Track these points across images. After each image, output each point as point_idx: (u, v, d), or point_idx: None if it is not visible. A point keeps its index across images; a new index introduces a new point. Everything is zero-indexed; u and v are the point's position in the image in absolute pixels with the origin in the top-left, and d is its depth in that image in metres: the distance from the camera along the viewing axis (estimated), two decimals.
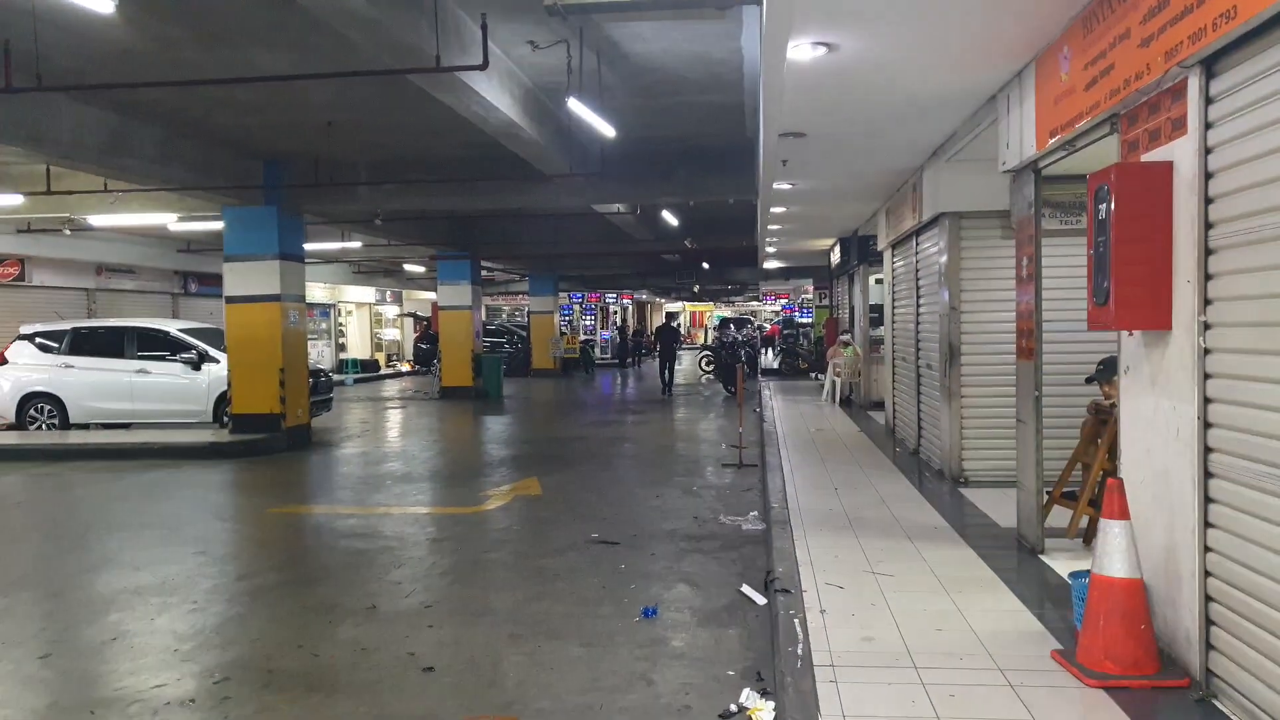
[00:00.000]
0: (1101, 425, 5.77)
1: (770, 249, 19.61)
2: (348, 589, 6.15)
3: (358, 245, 20.92)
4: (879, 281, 14.60)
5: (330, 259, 25.06)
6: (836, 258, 18.65)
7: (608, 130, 8.96)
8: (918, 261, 9.87)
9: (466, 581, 6.31)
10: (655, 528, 7.69)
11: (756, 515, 7.92)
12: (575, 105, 8.11)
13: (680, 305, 56.78)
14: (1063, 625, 4.55)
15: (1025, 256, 5.96)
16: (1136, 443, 4.32)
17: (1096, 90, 4.52)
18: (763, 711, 3.93)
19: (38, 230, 17.26)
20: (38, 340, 14.46)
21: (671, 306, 56.68)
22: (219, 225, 13.86)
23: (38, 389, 14.25)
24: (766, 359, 30.28)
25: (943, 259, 8.36)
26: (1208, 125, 3.65)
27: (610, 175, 12.87)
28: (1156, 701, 3.71)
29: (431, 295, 31.05)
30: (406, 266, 27.75)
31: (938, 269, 8.60)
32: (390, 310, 35.23)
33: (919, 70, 5.77)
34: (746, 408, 13.04)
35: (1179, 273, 3.86)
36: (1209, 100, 3.63)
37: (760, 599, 5.52)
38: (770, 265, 25.60)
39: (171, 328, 14.66)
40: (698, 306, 57.69)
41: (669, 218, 18.28)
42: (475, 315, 21.67)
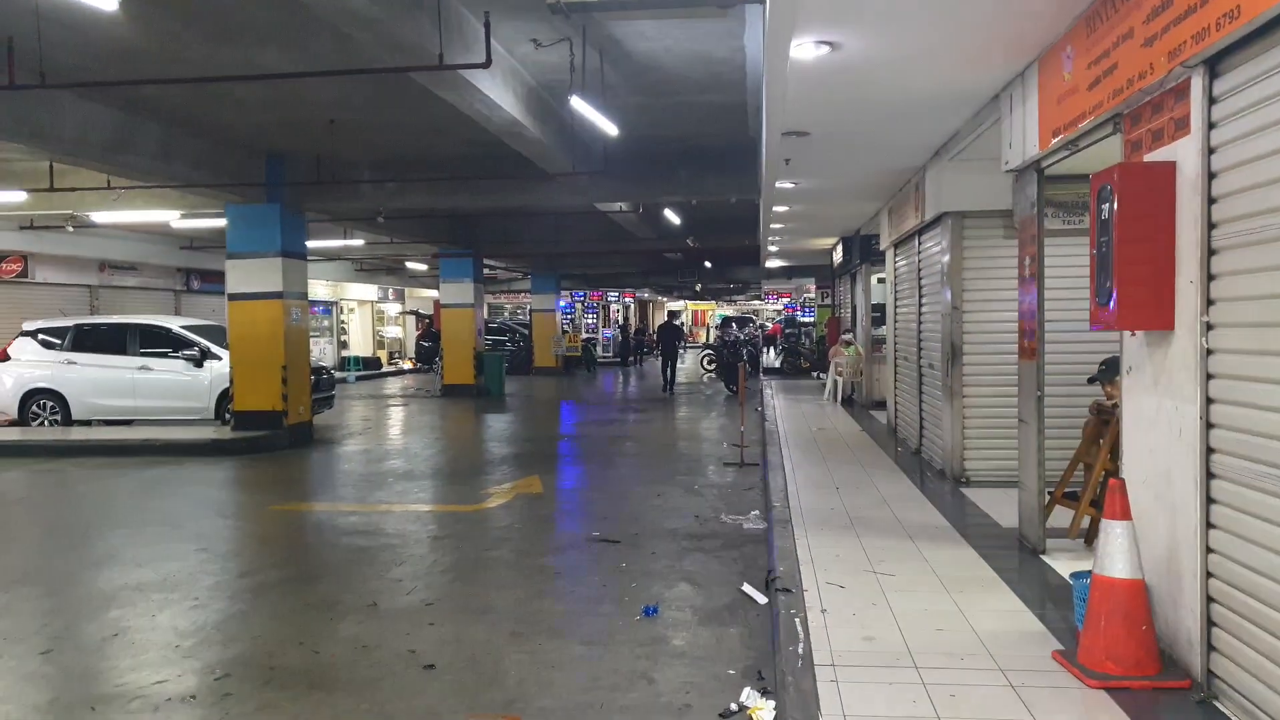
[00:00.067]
0: (1103, 425, 5.76)
1: (772, 248, 19.61)
2: (349, 586, 6.16)
3: (360, 243, 20.92)
4: (881, 281, 14.61)
5: (332, 256, 25.08)
6: (839, 257, 18.66)
7: (610, 128, 8.97)
8: (920, 261, 9.87)
9: (468, 579, 6.32)
10: (657, 526, 7.69)
11: (758, 514, 7.92)
12: (578, 103, 8.12)
13: (682, 304, 56.78)
14: (1064, 626, 4.54)
15: (1028, 256, 5.96)
16: (1138, 443, 4.31)
17: (1100, 90, 4.51)
18: (763, 711, 3.93)
19: (41, 227, 17.32)
20: (40, 337, 14.49)
21: (674, 305, 56.71)
22: (222, 222, 13.87)
23: (40, 385, 14.28)
24: (768, 358, 30.26)
25: (945, 258, 8.36)
26: (1211, 125, 3.64)
27: (613, 174, 12.88)
28: (1158, 702, 3.70)
29: (434, 293, 31.05)
30: (409, 264, 27.77)
31: (940, 268, 8.60)
32: (392, 308, 35.25)
33: (922, 69, 5.77)
34: (748, 407, 13.03)
35: (1182, 273, 3.85)
36: (1212, 100, 3.62)
37: (761, 598, 5.52)
38: (772, 264, 25.61)
39: (174, 325, 14.69)
40: (700, 305, 57.65)
41: (671, 216, 18.28)
42: (477, 313, 21.68)
